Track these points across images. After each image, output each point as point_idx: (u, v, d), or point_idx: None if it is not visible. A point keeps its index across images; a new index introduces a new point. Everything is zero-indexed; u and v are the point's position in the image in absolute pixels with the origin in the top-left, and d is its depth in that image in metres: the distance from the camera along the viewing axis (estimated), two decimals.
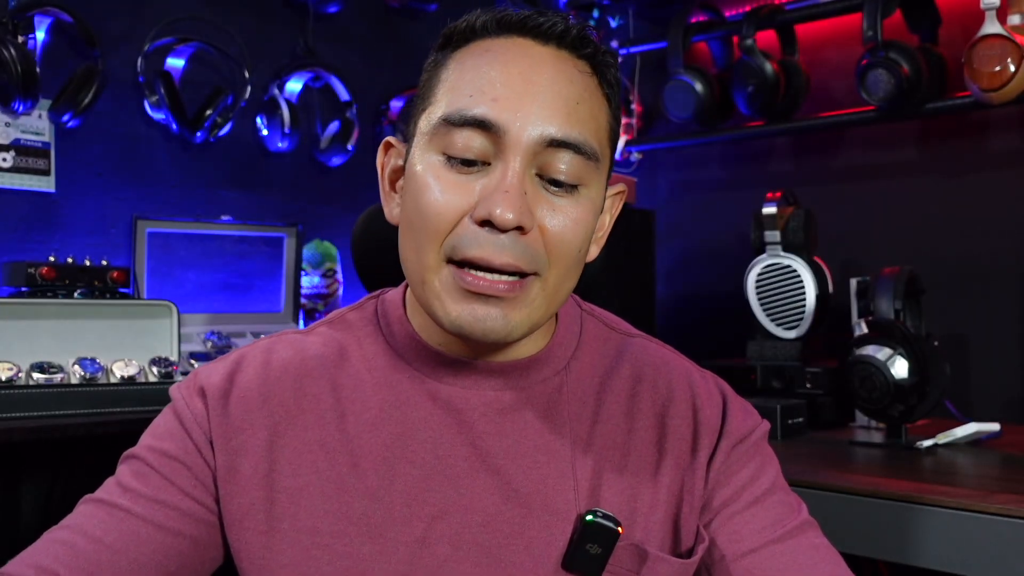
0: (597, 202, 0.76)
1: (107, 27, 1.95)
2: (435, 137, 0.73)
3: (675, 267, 2.30)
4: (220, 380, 0.80)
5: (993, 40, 1.61)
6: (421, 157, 0.74)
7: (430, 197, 0.72)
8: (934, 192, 1.92)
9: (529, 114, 0.71)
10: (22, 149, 1.85)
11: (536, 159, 0.71)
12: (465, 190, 0.71)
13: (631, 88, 2.38)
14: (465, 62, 0.74)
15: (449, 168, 0.72)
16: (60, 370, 1.58)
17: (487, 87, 0.72)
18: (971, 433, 1.44)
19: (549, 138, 0.71)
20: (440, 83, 0.75)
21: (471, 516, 0.74)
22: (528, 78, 0.72)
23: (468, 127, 0.71)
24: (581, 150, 0.72)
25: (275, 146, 2.20)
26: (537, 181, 0.72)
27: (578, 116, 0.73)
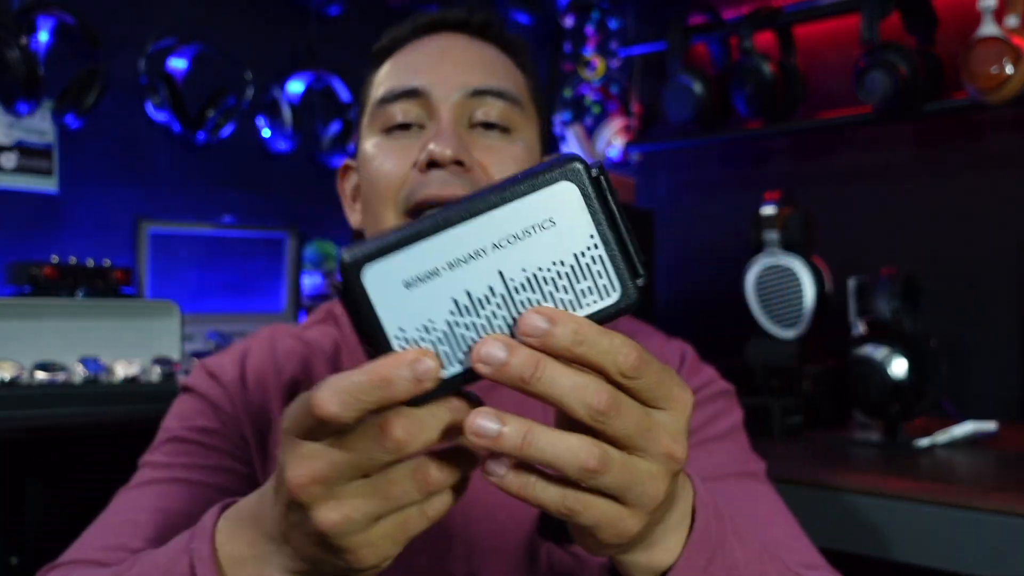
0: (533, 149, 0.81)
1: (110, 28, 1.95)
2: (373, 121, 0.80)
3: (675, 267, 2.30)
4: (231, 366, 0.82)
5: (990, 42, 1.61)
6: (366, 140, 0.81)
7: (377, 164, 0.78)
8: (932, 193, 1.92)
9: (449, 73, 0.78)
10: (25, 150, 1.86)
11: (465, 110, 0.78)
12: (407, 150, 0.77)
13: (631, 89, 2.39)
14: (388, 66, 0.82)
15: (390, 138, 0.79)
16: (63, 369, 1.59)
17: (408, 66, 0.80)
18: (968, 432, 1.45)
19: (471, 88, 0.77)
20: (372, 88, 0.83)
21: (457, 509, 0.76)
22: (444, 49, 0.81)
23: (399, 100, 0.78)
24: (504, 95, 0.78)
25: (277, 147, 2.21)
26: (470, 131, 0.78)
27: (494, 70, 0.80)
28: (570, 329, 0.39)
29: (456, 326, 0.40)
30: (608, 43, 2.42)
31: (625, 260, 0.40)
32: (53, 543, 1.87)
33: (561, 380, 0.40)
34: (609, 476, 0.41)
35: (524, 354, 0.39)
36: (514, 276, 0.40)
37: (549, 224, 0.40)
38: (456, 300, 0.40)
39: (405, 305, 0.40)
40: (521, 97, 0.80)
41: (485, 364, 0.39)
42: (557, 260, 0.40)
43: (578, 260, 0.40)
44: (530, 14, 2.48)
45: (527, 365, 0.39)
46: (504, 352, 0.39)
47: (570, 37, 2.51)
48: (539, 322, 0.39)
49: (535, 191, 0.40)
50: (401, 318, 0.40)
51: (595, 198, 0.40)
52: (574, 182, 0.40)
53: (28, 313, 1.64)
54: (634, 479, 0.42)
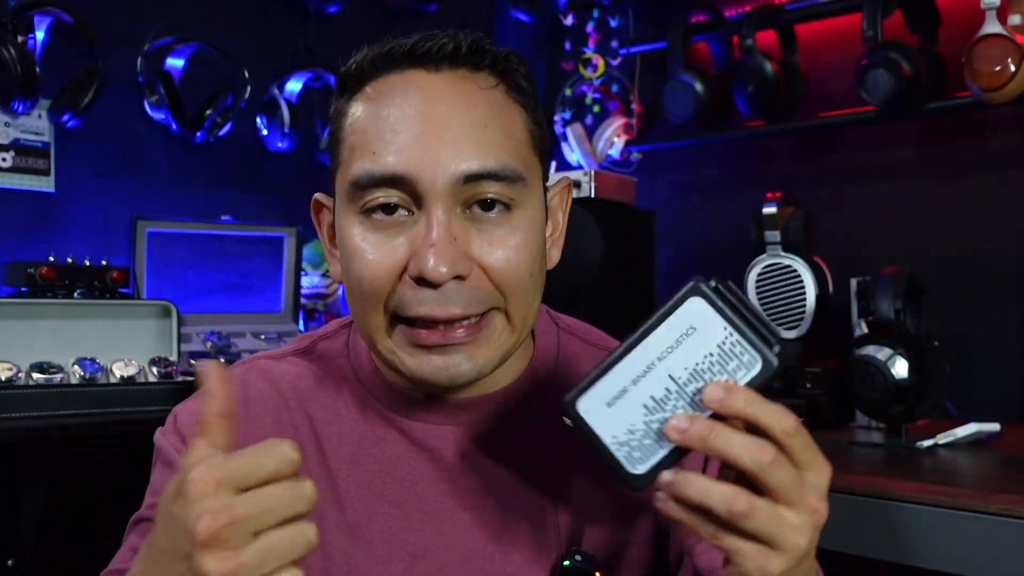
0: (537, 215, 0.73)
1: (107, 27, 1.95)
2: (351, 201, 0.70)
3: (675, 267, 2.29)
4: None
5: (993, 40, 1.61)
6: (344, 220, 0.72)
7: (361, 263, 0.70)
8: (934, 192, 1.92)
9: (437, 157, 0.67)
10: (22, 149, 1.85)
11: (458, 197, 0.68)
12: (393, 248, 0.69)
13: (631, 88, 2.38)
14: (360, 112, 0.71)
15: (372, 227, 0.70)
16: (60, 370, 1.58)
17: (387, 136, 0.68)
18: (971, 433, 1.44)
19: (463, 175, 0.67)
20: (344, 140, 0.72)
21: (451, 554, 0.74)
22: (427, 116, 0.68)
23: (380, 187, 0.68)
24: (501, 176, 0.69)
25: (275, 146, 2.20)
26: (466, 216, 0.69)
27: (488, 142, 0.69)
28: (743, 395, 0.52)
29: (651, 423, 0.54)
30: (609, 42, 2.42)
31: (758, 336, 0.53)
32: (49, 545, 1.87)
33: (733, 439, 0.52)
34: (753, 521, 0.51)
35: (702, 421, 0.52)
36: (680, 375, 0.54)
37: (692, 331, 0.53)
38: (646, 405, 0.54)
39: (612, 419, 0.54)
40: (520, 168, 0.70)
41: (675, 432, 0.52)
42: (707, 353, 0.53)
43: (722, 348, 0.53)
44: (530, 12, 2.47)
45: (706, 428, 0.52)
46: (687, 422, 0.53)
47: (570, 35, 2.50)
48: (719, 392, 0.52)
49: (674, 312, 0.54)
50: (612, 429, 0.55)
51: (718, 300, 0.53)
52: (698, 295, 0.53)
53: (25, 313, 1.63)
54: (780, 528, 0.52)
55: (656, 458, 0.54)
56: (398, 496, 0.75)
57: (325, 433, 0.77)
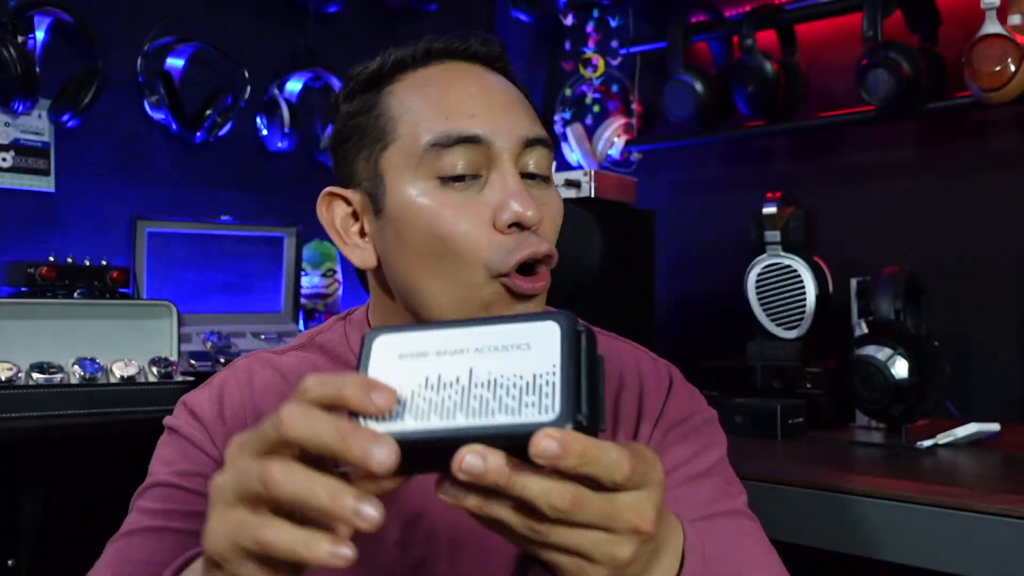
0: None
1: (107, 27, 1.95)
2: (422, 165, 0.73)
3: (675, 267, 2.29)
4: (210, 403, 0.80)
5: (993, 40, 1.61)
6: (412, 189, 0.74)
7: (449, 224, 0.73)
8: (934, 192, 1.92)
9: (504, 122, 0.74)
10: (22, 149, 1.85)
11: (519, 160, 0.75)
12: (475, 208, 0.73)
13: (631, 88, 2.38)
14: (414, 93, 0.76)
15: (449, 189, 0.73)
16: (60, 370, 1.58)
17: (458, 107, 0.74)
18: (971, 433, 1.44)
19: (525, 139, 0.75)
20: (394, 118, 0.76)
21: (442, 517, 0.76)
22: (485, 91, 0.76)
23: (458, 145, 0.72)
24: (548, 144, 0.77)
25: (275, 146, 2.20)
26: (524, 181, 0.76)
27: (532, 115, 0.78)
28: (579, 446, 0.44)
29: (416, 396, 0.47)
30: (609, 41, 2.42)
31: (574, 395, 0.46)
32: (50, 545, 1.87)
33: (530, 486, 0.44)
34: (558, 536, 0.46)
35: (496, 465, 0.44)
36: (479, 375, 0.47)
37: (525, 347, 0.48)
38: (427, 378, 0.48)
39: (392, 369, 0.49)
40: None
41: (464, 471, 0.44)
42: (518, 374, 0.47)
43: (535, 379, 0.46)
44: (530, 12, 2.47)
45: (501, 474, 0.44)
46: (480, 461, 0.44)
47: (570, 35, 2.50)
48: (551, 445, 0.43)
49: (527, 321, 0.48)
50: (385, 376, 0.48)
51: (571, 342, 0.47)
52: (559, 324, 0.48)
53: (25, 313, 1.63)
54: (591, 544, 0.46)
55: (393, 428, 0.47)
56: None
57: None
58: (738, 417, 1.58)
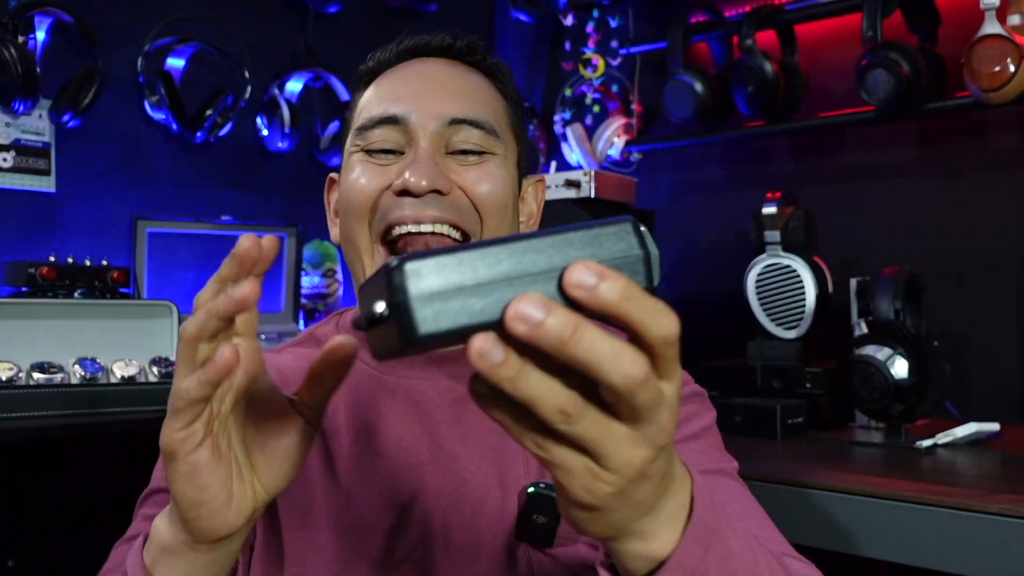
0: (511, 172, 0.83)
1: (107, 27, 1.95)
2: (354, 144, 0.82)
3: (675, 267, 2.30)
4: None
5: (993, 40, 1.61)
6: (348, 162, 0.83)
7: (353, 180, 0.81)
8: (934, 192, 1.92)
9: (429, 101, 0.80)
10: (22, 149, 1.85)
11: (442, 138, 0.80)
12: (384, 172, 0.80)
13: (631, 88, 2.38)
14: (371, 90, 0.85)
15: (369, 158, 0.81)
16: (60, 370, 1.58)
17: (390, 94, 0.82)
18: (971, 433, 1.44)
19: (449, 118, 0.79)
20: (355, 112, 0.85)
21: (435, 501, 0.78)
22: (423, 76, 0.83)
23: (379, 126, 0.80)
24: (481, 126, 0.80)
25: (275, 146, 2.20)
26: (449, 157, 0.80)
27: (473, 99, 0.82)
28: (621, 284, 0.38)
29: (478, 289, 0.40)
30: (608, 42, 2.42)
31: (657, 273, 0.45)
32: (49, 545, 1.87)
33: (600, 344, 0.38)
34: (580, 426, 0.40)
35: (563, 313, 0.37)
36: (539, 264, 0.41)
37: (596, 238, 0.43)
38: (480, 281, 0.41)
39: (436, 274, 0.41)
40: (498, 126, 0.82)
41: (522, 322, 0.37)
42: (595, 256, 0.43)
43: (614, 260, 0.43)
44: (530, 12, 2.47)
45: (566, 325, 0.37)
46: (542, 311, 0.37)
47: (570, 35, 2.50)
48: (588, 275, 0.38)
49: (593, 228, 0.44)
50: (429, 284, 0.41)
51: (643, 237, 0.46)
52: (631, 223, 0.45)
53: (25, 313, 1.63)
54: (613, 439, 0.41)
55: (456, 323, 0.40)
56: (386, 450, 0.80)
57: None
58: (738, 417, 1.58)
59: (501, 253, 0.41)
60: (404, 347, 0.40)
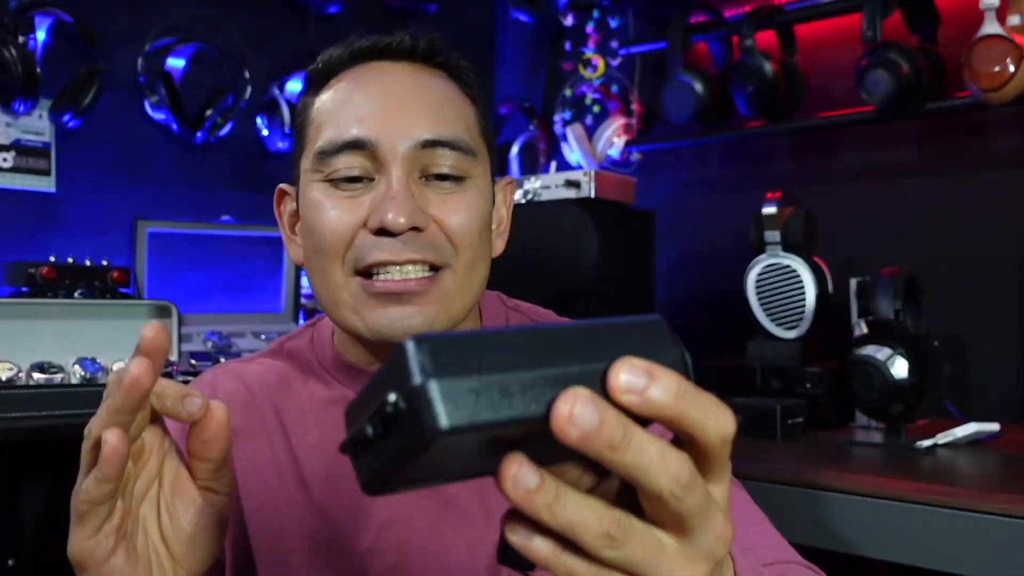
0: (486, 192, 0.79)
1: (108, 27, 1.95)
2: (316, 172, 0.75)
3: (675, 267, 2.30)
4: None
5: (992, 40, 1.61)
6: (308, 190, 0.77)
7: (323, 217, 0.74)
8: (934, 192, 1.92)
9: (397, 124, 0.74)
10: (23, 149, 1.86)
11: (416, 163, 0.74)
12: (355, 205, 0.74)
13: (631, 88, 2.38)
14: (327, 97, 0.77)
15: (336, 189, 0.75)
16: (60, 370, 1.58)
17: (352, 112, 0.75)
18: (971, 433, 1.44)
19: (422, 141, 0.74)
20: (310, 123, 0.78)
21: (414, 523, 0.76)
22: (388, 92, 0.75)
23: (344, 152, 0.74)
24: (456, 146, 0.75)
25: (275, 146, 2.20)
26: (422, 183, 0.75)
27: (444, 116, 0.76)
28: (674, 382, 0.34)
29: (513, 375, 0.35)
30: (608, 42, 2.42)
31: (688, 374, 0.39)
32: (50, 545, 1.87)
33: (648, 447, 0.34)
34: (628, 550, 0.36)
35: (613, 416, 0.33)
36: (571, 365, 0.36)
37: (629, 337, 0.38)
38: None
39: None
40: (472, 142, 0.77)
41: (575, 427, 0.33)
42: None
43: None
44: (530, 13, 2.47)
45: (618, 428, 0.33)
46: (596, 414, 0.33)
47: (570, 36, 2.50)
48: (637, 376, 0.34)
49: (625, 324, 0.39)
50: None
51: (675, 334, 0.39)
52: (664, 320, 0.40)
53: (25, 313, 1.63)
54: (661, 559, 0.36)
55: (481, 418, 0.34)
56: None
57: (290, 421, 0.81)
58: (738, 417, 1.58)
59: (530, 342, 0.36)
60: (420, 447, 0.34)
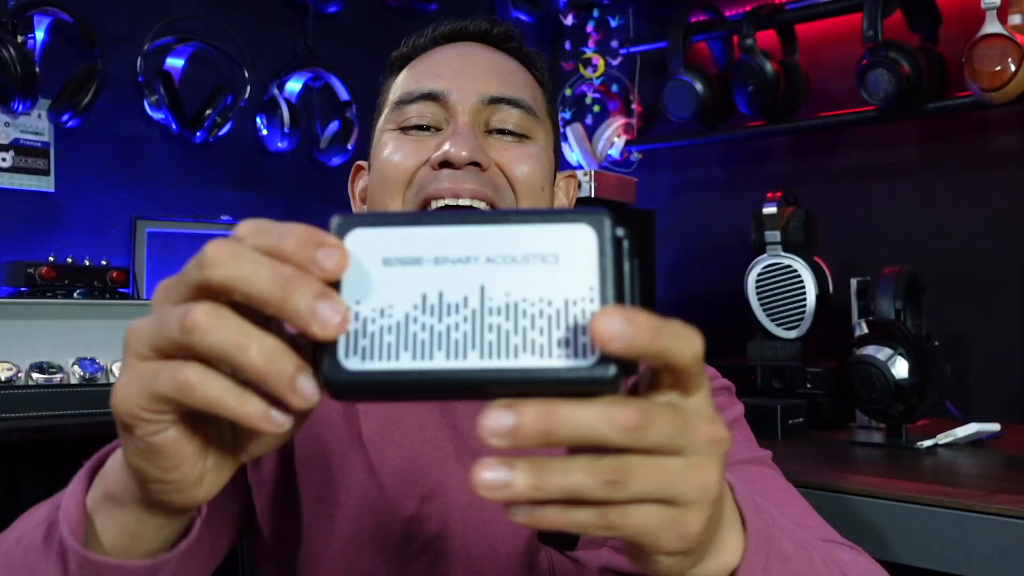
0: (548, 155, 0.83)
1: (107, 27, 1.94)
2: (389, 121, 0.82)
3: (675, 267, 2.29)
4: None
5: (993, 40, 1.61)
6: (381, 143, 0.82)
7: (388, 156, 0.80)
8: (934, 192, 1.92)
9: (469, 79, 0.80)
10: (21, 149, 1.85)
11: (482, 115, 0.79)
12: (422, 147, 0.79)
13: (631, 88, 2.38)
14: (407, 72, 0.85)
15: (406, 135, 0.80)
16: (60, 370, 1.58)
17: (429, 70, 0.82)
18: (971, 433, 1.44)
19: (489, 96, 0.79)
20: (391, 92, 0.85)
21: (458, 496, 0.76)
22: (464, 56, 0.83)
23: (418, 101, 0.80)
24: (521, 105, 0.80)
25: (275, 146, 2.20)
26: (487, 136, 0.80)
27: (513, 80, 0.82)
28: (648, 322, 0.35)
29: (412, 322, 0.37)
30: (609, 41, 2.41)
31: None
32: None
33: (584, 415, 0.35)
34: (637, 483, 0.36)
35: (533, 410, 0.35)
36: (494, 296, 0.37)
37: (552, 259, 0.37)
38: (425, 296, 0.37)
39: (374, 281, 0.37)
40: (537, 109, 0.82)
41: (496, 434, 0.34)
42: (545, 298, 0.37)
43: (567, 307, 0.36)
44: (530, 12, 2.47)
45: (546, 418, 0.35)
46: (510, 416, 0.34)
47: (570, 35, 2.50)
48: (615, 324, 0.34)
49: (552, 223, 0.37)
50: (363, 291, 0.37)
51: (611, 255, 0.37)
52: (595, 229, 0.37)
53: (24, 313, 1.63)
54: (675, 474, 0.37)
55: (381, 365, 0.36)
56: (407, 440, 0.78)
57: None
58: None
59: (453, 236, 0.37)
60: None
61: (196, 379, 0.37)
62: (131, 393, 0.39)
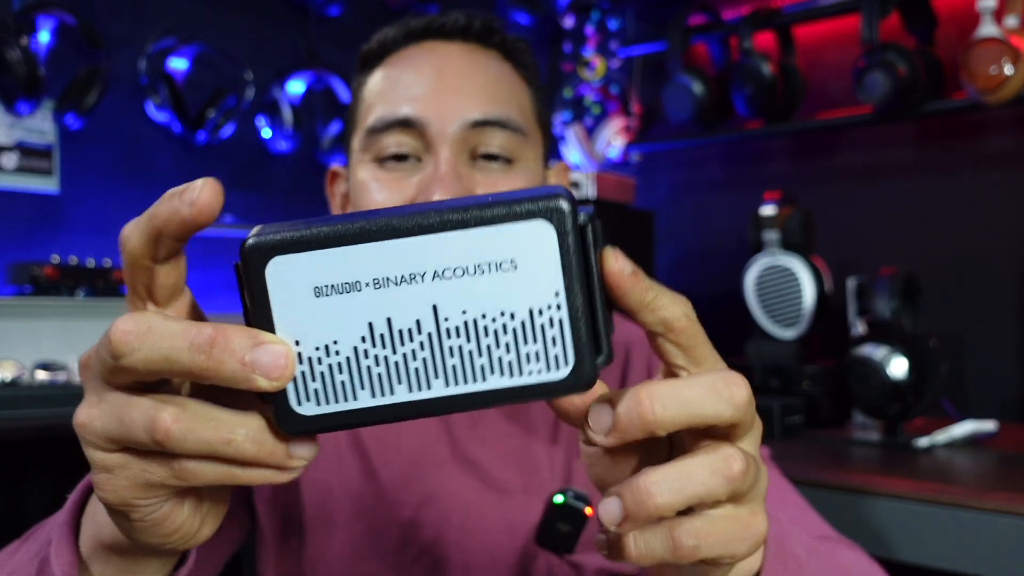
0: (536, 177, 0.77)
1: (110, 29, 1.96)
2: (367, 149, 0.75)
3: (674, 267, 2.31)
4: None
5: (989, 42, 1.62)
6: (357, 170, 0.76)
7: (369, 196, 0.74)
8: (931, 192, 1.93)
9: (447, 104, 0.73)
10: (26, 150, 1.86)
11: (466, 144, 0.73)
12: (403, 186, 0.73)
13: (631, 89, 2.39)
14: (379, 77, 0.77)
15: (384, 169, 0.74)
16: (63, 369, 1.59)
17: (403, 91, 0.74)
18: (968, 432, 1.45)
19: (471, 121, 0.73)
20: (361, 102, 0.78)
21: (454, 502, 0.77)
22: (440, 71, 0.75)
23: (393, 130, 0.73)
24: (506, 125, 0.74)
25: (277, 147, 2.21)
26: (472, 164, 0.74)
27: (497, 96, 0.75)
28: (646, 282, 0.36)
29: (363, 356, 0.32)
30: (608, 43, 2.43)
31: (590, 332, 0.33)
32: None
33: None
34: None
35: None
36: (449, 315, 0.32)
37: (509, 266, 0.32)
38: (372, 325, 0.32)
39: (310, 315, 0.32)
40: (525, 123, 0.76)
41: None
42: (508, 311, 0.32)
43: (532, 318, 0.32)
44: (530, 14, 2.48)
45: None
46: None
47: (570, 37, 2.51)
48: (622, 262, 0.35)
49: (503, 222, 0.32)
50: (300, 329, 0.32)
51: (574, 250, 0.32)
52: (554, 224, 0.32)
53: (29, 313, 1.64)
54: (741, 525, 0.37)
55: (339, 407, 0.32)
56: (407, 447, 0.78)
57: None
58: None
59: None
60: None
61: (193, 465, 0.34)
62: (120, 485, 0.35)
